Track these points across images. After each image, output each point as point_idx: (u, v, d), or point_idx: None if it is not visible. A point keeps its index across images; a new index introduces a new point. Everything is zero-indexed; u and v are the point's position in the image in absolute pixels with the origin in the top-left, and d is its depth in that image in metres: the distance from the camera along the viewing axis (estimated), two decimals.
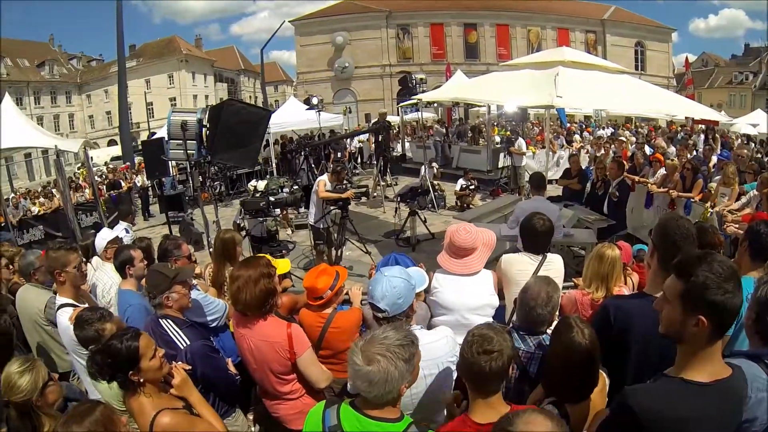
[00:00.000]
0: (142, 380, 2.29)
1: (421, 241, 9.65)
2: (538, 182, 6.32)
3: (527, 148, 14.68)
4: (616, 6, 49.21)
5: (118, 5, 27.20)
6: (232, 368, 3.17)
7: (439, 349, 2.58)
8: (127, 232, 7.08)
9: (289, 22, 48.68)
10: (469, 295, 3.30)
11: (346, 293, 3.50)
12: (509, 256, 3.71)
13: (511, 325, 2.79)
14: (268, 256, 3.31)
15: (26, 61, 50.26)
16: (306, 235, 9.55)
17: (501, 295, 3.54)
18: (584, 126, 23.92)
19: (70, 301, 3.58)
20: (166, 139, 6.38)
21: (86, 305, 3.61)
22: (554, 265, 3.57)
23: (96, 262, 5.10)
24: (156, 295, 3.02)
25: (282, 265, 3.61)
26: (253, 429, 3.41)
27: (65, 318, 3.44)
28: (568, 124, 23.11)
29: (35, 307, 4.07)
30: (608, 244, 3.52)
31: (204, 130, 6.04)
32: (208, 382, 2.80)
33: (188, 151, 5.98)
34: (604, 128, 22.76)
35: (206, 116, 6.07)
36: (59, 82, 53.50)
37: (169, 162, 11.38)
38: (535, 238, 3.59)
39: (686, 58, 38.90)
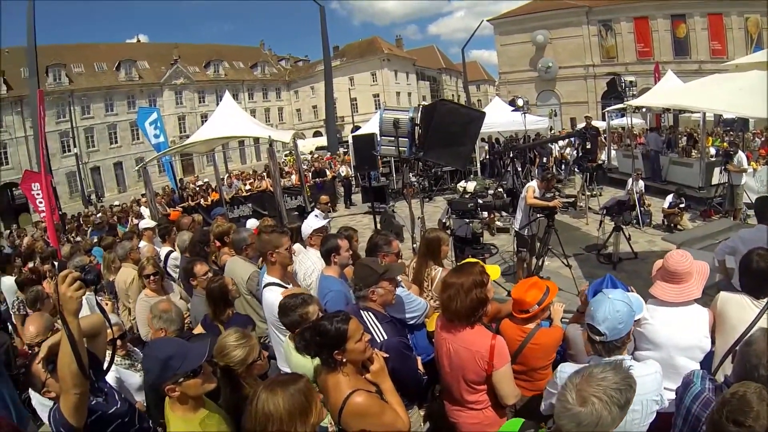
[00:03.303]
0: (344, 360, 2.50)
1: (623, 260, 9.15)
2: (765, 208, 5.57)
3: (748, 164, 12.56)
4: None
5: (322, 11, 31.05)
6: (420, 367, 3.28)
7: (646, 385, 2.40)
8: (317, 216, 7.72)
9: (487, 21, 49.46)
10: (680, 333, 3.08)
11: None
12: (727, 295, 3.35)
13: (723, 380, 2.47)
14: (482, 263, 3.33)
15: (241, 64, 61.80)
16: (506, 240, 9.65)
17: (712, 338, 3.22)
18: None
19: (277, 280, 3.98)
20: (378, 135, 6.72)
21: (291, 286, 4.02)
22: None
23: (298, 248, 5.60)
24: (362, 288, 3.23)
25: (493, 272, 3.59)
26: (422, 425, 3.49)
27: (272, 295, 3.81)
28: None
29: (240, 277, 4.73)
30: None
31: (416, 128, 6.30)
32: (396, 377, 2.91)
33: (400, 148, 6.29)
34: None
35: (419, 115, 6.32)
36: (270, 80, 63.80)
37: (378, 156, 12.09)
38: (753, 278, 3.21)
39: None
